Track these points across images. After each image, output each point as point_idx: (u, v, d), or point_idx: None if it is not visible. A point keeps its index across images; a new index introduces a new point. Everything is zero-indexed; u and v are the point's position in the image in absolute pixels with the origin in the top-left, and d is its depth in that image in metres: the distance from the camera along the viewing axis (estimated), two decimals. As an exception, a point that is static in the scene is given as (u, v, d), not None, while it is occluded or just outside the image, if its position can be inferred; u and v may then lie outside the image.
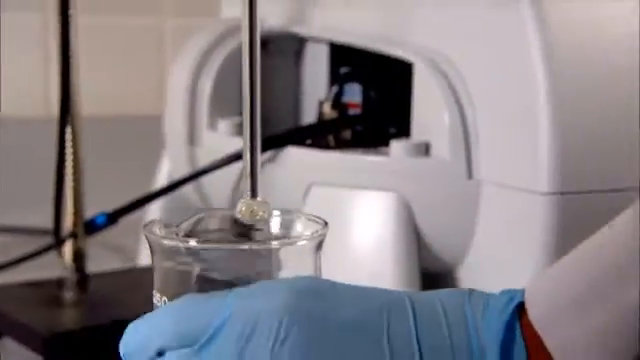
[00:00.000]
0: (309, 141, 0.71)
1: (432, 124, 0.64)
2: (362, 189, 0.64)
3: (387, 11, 0.70)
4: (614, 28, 0.62)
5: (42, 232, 0.85)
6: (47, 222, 0.73)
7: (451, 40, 0.65)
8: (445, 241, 0.65)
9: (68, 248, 0.67)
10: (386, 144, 0.66)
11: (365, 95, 0.71)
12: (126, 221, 0.74)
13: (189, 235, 0.48)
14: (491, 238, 0.61)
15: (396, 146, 0.64)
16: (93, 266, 0.70)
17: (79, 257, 0.67)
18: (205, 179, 0.71)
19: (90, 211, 0.74)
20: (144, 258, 0.79)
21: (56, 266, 0.69)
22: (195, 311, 0.40)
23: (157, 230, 0.46)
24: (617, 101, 0.60)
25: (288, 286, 0.40)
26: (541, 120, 0.58)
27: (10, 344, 0.64)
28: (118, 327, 0.45)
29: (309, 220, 0.48)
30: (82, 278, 0.67)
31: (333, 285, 0.41)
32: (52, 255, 0.71)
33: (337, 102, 0.73)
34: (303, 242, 0.45)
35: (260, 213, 0.47)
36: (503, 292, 0.41)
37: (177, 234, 0.47)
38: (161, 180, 0.83)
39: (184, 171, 0.77)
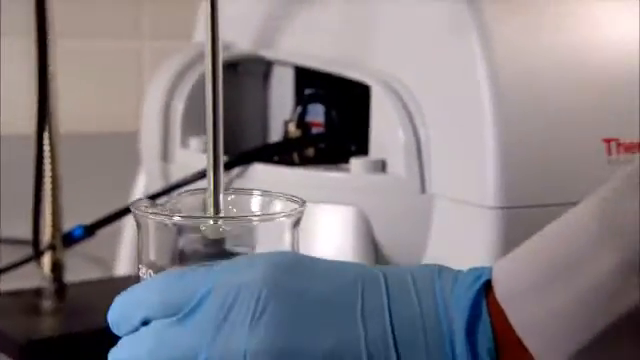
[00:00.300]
0: (275, 158, 0.71)
1: (388, 142, 0.64)
2: (324, 203, 0.64)
3: (347, 37, 0.70)
4: (555, 55, 0.63)
5: (22, 243, 0.84)
6: (28, 234, 0.72)
7: (405, 65, 0.65)
8: (401, 253, 0.65)
9: (47, 259, 0.67)
10: (346, 161, 0.67)
11: (327, 115, 0.72)
12: (103, 233, 0.74)
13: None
14: (442, 250, 0.61)
15: (355, 163, 0.64)
16: (71, 276, 0.70)
17: (57, 268, 0.68)
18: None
19: (69, 223, 0.75)
20: (121, 268, 0.80)
21: (35, 276, 0.69)
22: (179, 283, 0.41)
23: (144, 207, 0.47)
24: (558, 121, 0.61)
25: (267, 261, 0.41)
26: (487, 139, 0.58)
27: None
28: (94, 335, 0.46)
29: (288, 200, 0.48)
30: (60, 288, 0.68)
31: (311, 260, 0.42)
32: (32, 266, 0.71)
33: (301, 121, 0.73)
34: (282, 218, 0.46)
35: (224, 227, 0.48)
36: (471, 269, 0.41)
37: (162, 211, 0.47)
38: (137, 194, 0.82)
39: (158, 186, 0.77)
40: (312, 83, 0.74)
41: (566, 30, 0.64)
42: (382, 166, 0.64)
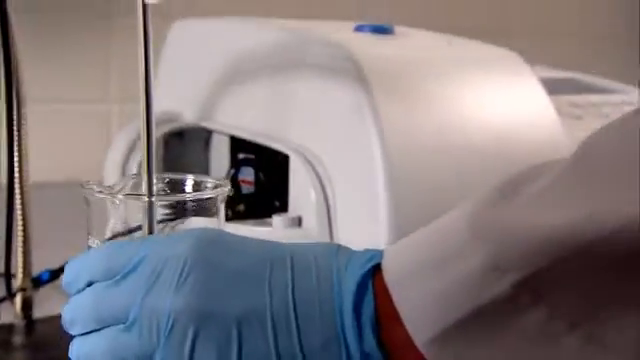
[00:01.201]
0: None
1: (303, 202, 0.66)
2: None
3: (271, 115, 0.71)
4: (437, 132, 0.64)
5: None
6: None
7: (317, 139, 0.66)
8: None
9: (18, 299, 0.66)
10: (270, 215, 0.69)
11: (256, 177, 0.73)
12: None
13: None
14: None
15: (276, 219, 0.66)
16: (40, 309, 0.68)
17: (27, 306, 0.66)
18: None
19: (39, 267, 0.72)
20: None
21: (9, 310, 0.67)
22: (118, 252, 0.41)
23: (94, 187, 0.47)
24: (438, 186, 0.62)
25: (193, 235, 0.41)
26: (380, 201, 0.61)
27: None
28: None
29: (216, 181, 0.50)
30: (30, 323, 0.66)
31: (232, 236, 0.42)
32: (6, 304, 0.68)
33: (234, 181, 0.73)
34: (210, 195, 0.48)
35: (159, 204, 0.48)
36: (365, 251, 0.41)
37: (110, 191, 0.48)
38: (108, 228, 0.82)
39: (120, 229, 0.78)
40: (244, 149, 0.75)
41: (447, 111, 0.66)
42: (299, 221, 0.66)
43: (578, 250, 0.33)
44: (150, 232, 0.47)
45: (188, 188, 0.51)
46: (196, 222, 0.49)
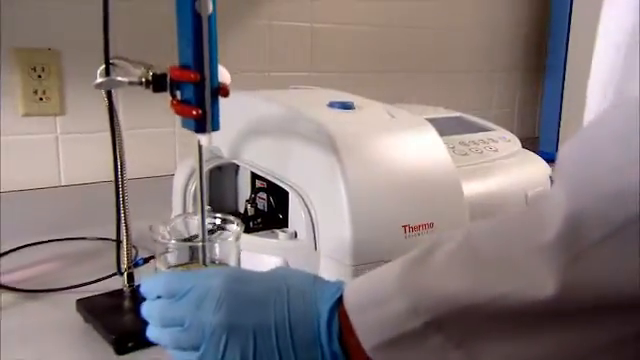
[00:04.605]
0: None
1: (298, 221, 0.66)
2: (265, 255, 0.66)
3: (276, 161, 0.71)
4: (385, 173, 0.63)
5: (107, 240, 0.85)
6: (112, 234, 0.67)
7: (305, 181, 0.67)
8: None
9: (125, 275, 0.66)
10: (278, 226, 0.70)
11: (268, 200, 0.75)
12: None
13: (176, 232, 0.51)
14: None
15: (281, 234, 0.68)
16: (137, 282, 0.67)
17: (130, 279, 0.66)
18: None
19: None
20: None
21: (119, 283, 0.67)
22: (176, 280, 0.42)
23: (159, 228, 0.50)
24: (384, 215, 0.62)
25: (224, 274, 0.41)
26: (345, 221, 0.60)
27: None
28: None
29: (236, 224, 0.51)
30: (131, 289, 0.66)
31: (249, 273, 0.42)
32: (116, 277, 0.69)
33: (253, 203, 0.77)
34: (230, 238, 0.50)
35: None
36: (335, 282, 0.41)
37: (168, 234, 0.50)
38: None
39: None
40: (260, 179, 0.76)
41: (385, 163, 0.65)
42: (295, 235, 0.67)
43: (466, 305, 0.33)
44: (204, 263, 0.49)
45: (233, 227, 0.52)
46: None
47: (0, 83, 0.89)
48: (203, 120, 0.47)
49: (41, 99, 0.91)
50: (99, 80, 0.52)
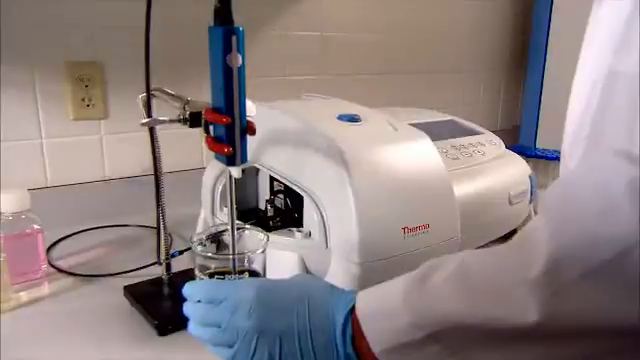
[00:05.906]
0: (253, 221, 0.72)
1: (311, 222, 0.66)
2: (284, 251, 0.66)
3: (292, 167, 0.70)
4: (381, 183, 0.63)
5: (148, 227, 0.87)
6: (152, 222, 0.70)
7: (318, 187, 0.66)
8: (317, 274, 0.64)
9: (163, 264, 0.66)
10: (294, 225, 0.70)
11: (285, 201, 0.74)
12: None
13: (212, 240, 0.52)
14: (334, 280, 0.59)
15: (297, 233, 0.67)
16: (176, 269, 0.68)
17: (168, 268, 0.66)
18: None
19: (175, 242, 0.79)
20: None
21: (158, 271, 0.68)
22: (214, 288, 0.42)
23: (197, 241, 0.50)
24: (387, 219, 0.61)
25: (255, 285, 0.41)
26: (353, 225, 0.59)
27: None
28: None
29: (263, 234, 0.52)
30: (169, 277, 0.65)
31: (276, 283, 0.42)
32: (156, 266, 0.70)
33: (272, 204, 0.76)
34: (259, 250, 0.51)
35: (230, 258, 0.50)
36: (349, 292, 0.41)
37: (205, 244, 0.51)
38: (200, 222, 0.82)
39: (210, 220, 0.78)
40: (278, 182, 0.75)
41: (388, 171, 0.64)
42: (309, 234, 0.66)
43: (460, 323, 0.34)
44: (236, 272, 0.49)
45: (246, 238, 0.53)
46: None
47: (53, 92, 0.92)
48: (233, 156, 0.48)
49: (88, 105, 0.94)
50: (145, 120, 0.53)
